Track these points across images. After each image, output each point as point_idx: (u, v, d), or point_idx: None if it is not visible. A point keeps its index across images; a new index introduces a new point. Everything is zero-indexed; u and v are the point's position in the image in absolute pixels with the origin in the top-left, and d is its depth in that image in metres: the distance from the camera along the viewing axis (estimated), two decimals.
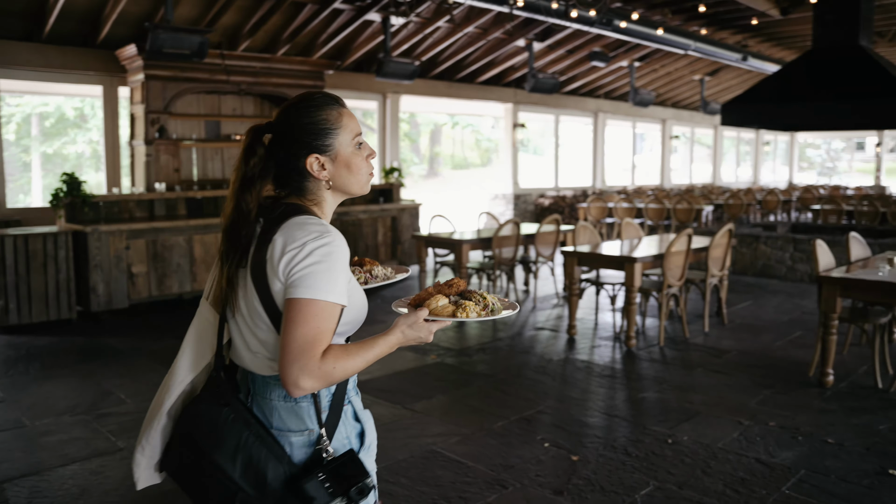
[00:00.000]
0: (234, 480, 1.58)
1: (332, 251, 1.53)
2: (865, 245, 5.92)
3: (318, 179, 1.65)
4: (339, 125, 1.64)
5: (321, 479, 1.55)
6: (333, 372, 1.49)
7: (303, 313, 1.49)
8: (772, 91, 9.85)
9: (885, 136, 22.77)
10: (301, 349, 1.47)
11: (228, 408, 1.62)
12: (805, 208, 16.87)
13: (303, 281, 1.50)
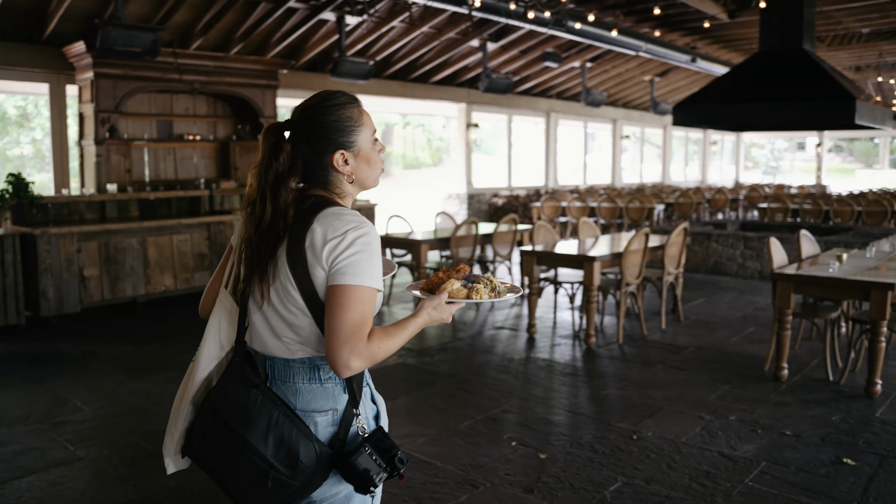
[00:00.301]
0: (267, 459, 1.63)
1: (371, 241, 1.63)
2: (815, 242, 6.11)
3: (340, 174, 1.74)
4: (361, 122, 1.75)
5: (368, 452, 1.64)
6: (378, 352, 1.60)
7: (351, 298, 1.59)
8: (721, 92, 10.08)
9: (825, 136, 23.52)
10: (351, 332, 1.57)
11: (257, 389, 1.69)
12: (752, 206, 17.32)
13: (349, 269, 1.60)
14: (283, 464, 1.63)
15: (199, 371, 1.77)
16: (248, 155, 9.35)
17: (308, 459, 1.63)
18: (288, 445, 1.63)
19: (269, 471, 1.63)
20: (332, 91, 1.76)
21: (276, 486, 1.64)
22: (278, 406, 1.66)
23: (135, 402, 4.72)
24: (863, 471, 3.61)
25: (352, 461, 1.63)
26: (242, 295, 1.73)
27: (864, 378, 5.04)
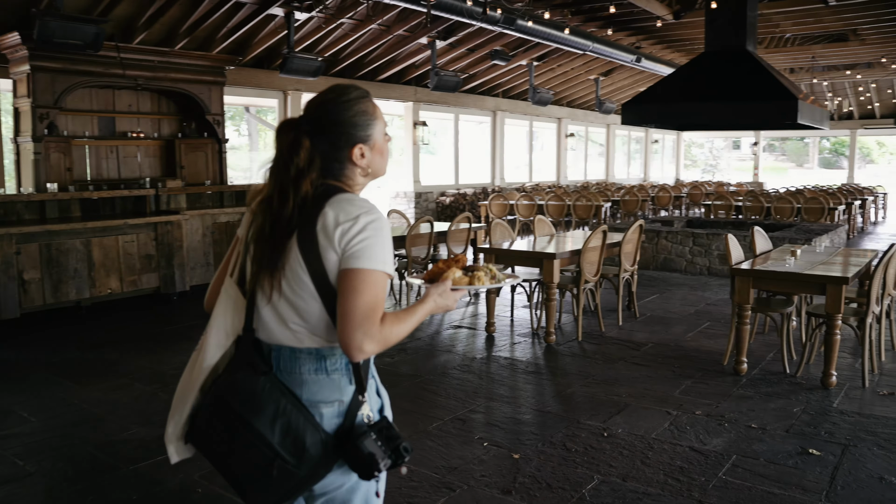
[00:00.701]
0: (273, 447, 1.63)
1: (383, 226, 1.66)
2: (767, 239, 6.24)
3: (357, 167, 1.77)
4: (375, 116, 1.78)
5: (374, 438, 1.65)
6: (390, 336, 1.63)
7: (365, 282, 1.60)
8: (668, 91, 10.24)
9: (761, 135, 24.24)
10: (364, 315, 1.58)
11: (266, 376, 1.69)
12: (694, 204, 17.73)
13: (362, 252, 1.61)
14: (290, 452, 1.63)
15: (206, 359, 1.76)
16: (194, 153, 9.08)
17: (314, 449, 1.64)
18: (295, 434, 1.63)
19: (275, 459, 1.63)
20: (346, 86, 1.78)
21: (281, 475, 1.64)
22: (286, 395, 1.66)
23: (86, 411, 4.50)
24: (828, 460, 3.69)
25: (357, 444, 1.63)
26: (251, 286, 1.74)
27: (819, 370, 5.17)
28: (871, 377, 5.01)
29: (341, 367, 1.71)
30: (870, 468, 3.61)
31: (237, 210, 8.61)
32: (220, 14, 8.93)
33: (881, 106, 21.97)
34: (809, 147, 34.64)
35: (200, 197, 8.75)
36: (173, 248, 7.67)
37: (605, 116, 21.29)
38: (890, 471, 3.58)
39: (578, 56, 15.19)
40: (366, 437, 1.64)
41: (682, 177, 27.31)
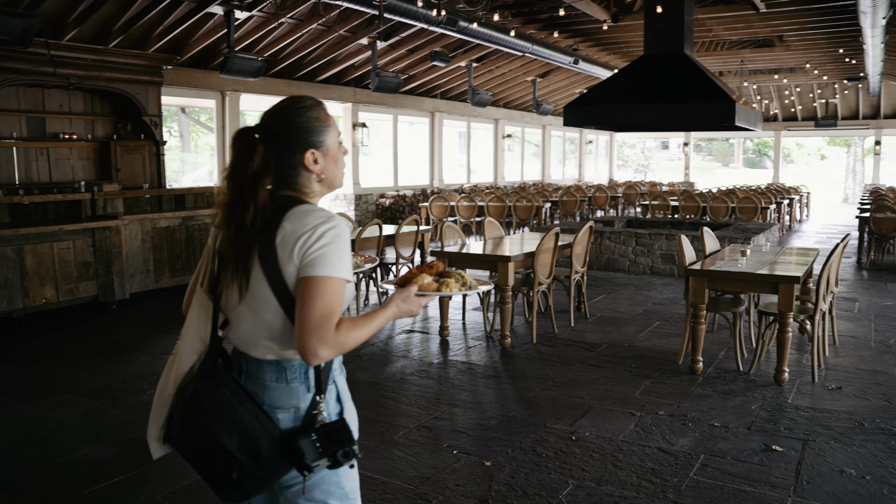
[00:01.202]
0: (232, 453, 1.71)
1: (341, 233, 1.70)
2: (716, 239, 6.38)
3: (311, 173, 1.81)
4: (328, 123, 1.83)
5: (314, 438, 1.71)
6: (346, 341, 1.66)
7: (320, 289, 1.65)
8: (609, 93, 10.41)
9: (691, 136, 24.95)
10: (319, 322, 1.63)
11: (224, 387, 1.76)
12: (629, 203, 18.10)
13: (319, 260, 1.66)
14: (248, 457, 1.71)
15: (180, 365, 1.85)
16: (131, 156, 8.74)
17: (269, 453, 1.71)
18: (251, 441, 1.71)
19: (235, 463, 1.71)
20: (300, 96, 1.84)
21: (241, 476, 1.73)
22: (244, 403, 1.74)
23: (30, 432, 4.24)
24: (791, 456, 3.78)
25: (293, 442, 1.70)
26: (218, 294, 1.83)
27: (770, 367, 5.32)
28: (819, 372, 5.17)
29: (300, 376, 1.77)
30: (830, 462, 3.72)
31: (177, 214, 8.33)
32: (156, 12, 8.60)
33: (803, 109, 22.91)
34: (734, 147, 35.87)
35: (138, 201, 8.43)
36: (112, 254, 7.35)
37: (541, 117, 21.54)
38: (848, 463, 3.69)
39: (517, 58, 15.31)
40: (303, 437, 1.70)
41: (616, 177, 27.87)
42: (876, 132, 21.82)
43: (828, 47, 14.64)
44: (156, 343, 6.23)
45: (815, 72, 17.40)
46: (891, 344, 6.06)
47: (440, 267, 1.95)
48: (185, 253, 8.40)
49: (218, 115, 11.21)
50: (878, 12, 9.28)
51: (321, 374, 1.77)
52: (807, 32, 13.32)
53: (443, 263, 1.97)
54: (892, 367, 5.41)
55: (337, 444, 1.73)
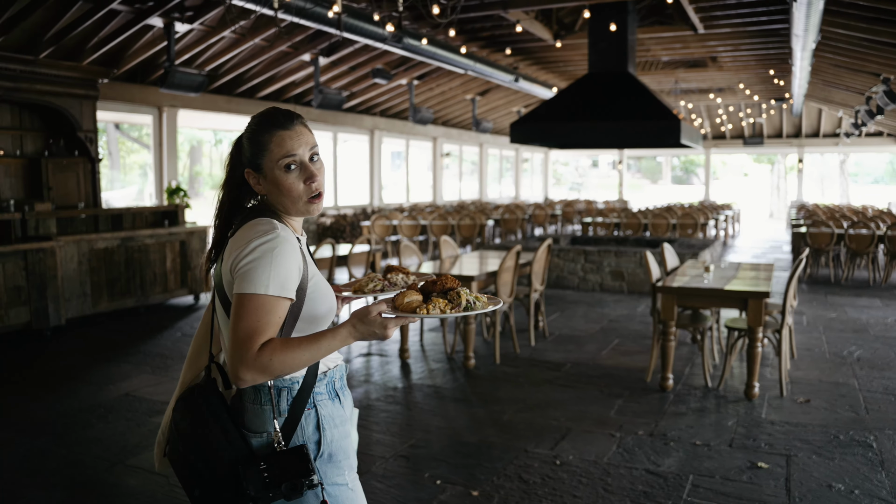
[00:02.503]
0: (198, 470, 1.65)
1: (274, 247, 1.59)
2: (676, 255, 6.41)
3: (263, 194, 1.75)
4: (268, 146, 1.70)
5: (262, 467, 1.60)
6: (270, 364, 1.53)
7: (244, 307, 1.56)
8: (556, 111, 10.49)
9: (624, 154, 25.49)
10: (240, 342, 1.54)
11: (205, 404, 1.68)
12: (567, 221, 18.30)
13: (244, 276, 1.57)
14: (208, 475, 1.65)
15: (182, 378, 1.82)
16: (64, 173, 8.26)
17: (226, 475, 1.63)
18: (212, 459, 1.63)
19: (197, 480, 1.66)
20: (269, 109, 1.75)
21: (204, 495, 1.66)
22: (220, 421, 1.66)
23: None
24: (777, 472, 3.75)
25: (241, 470, 1.60)
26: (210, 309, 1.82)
27: (735, 382, 5.34)
28: (785, 385, 5.21)
29: (271, 399, 1.67)
30: (816, 477, 3.71)
31: (116, 235, 7.90)
32: (91, 22, 8.18)
33: (733, 128, 23.72)
34: (662, 165, 36.86)
35: (73, 221, 7.97)
36: (46, 277, 6.90)
37: (479, 135, 21.62)
38: (834, 478, 3.69)
39: (457, 76, 15.31)
40: (251, 465, 1.61)
41: (550, 195, 28.20)
42: (798, 150, 22.77)
43: (759, 69, 15.18)
44: (98, 372, 5.84)
45: (747, 92, 18.02)
46: (844, 356, 6.19)
47: (447, 284, 1.69)
48: (124, 276, 7.97)
49: (155, 132, 10.75)
50: (809, 36, 9.61)
51: (278, 405, 1.67)
52: (740, 54, 13.77)
53: (454, 280, 1.72)
54: (851, 378, 5.51)
55: (289, 475, 1.60)
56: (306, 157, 1.72)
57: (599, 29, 10.42)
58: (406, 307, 1.62)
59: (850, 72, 13.45)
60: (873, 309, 8.38)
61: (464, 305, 1.66)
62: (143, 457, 4.06)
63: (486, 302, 1.71)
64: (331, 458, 1.72)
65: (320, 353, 1.58)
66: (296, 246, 1.66)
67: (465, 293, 1.67)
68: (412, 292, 1.65)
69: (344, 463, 1.75)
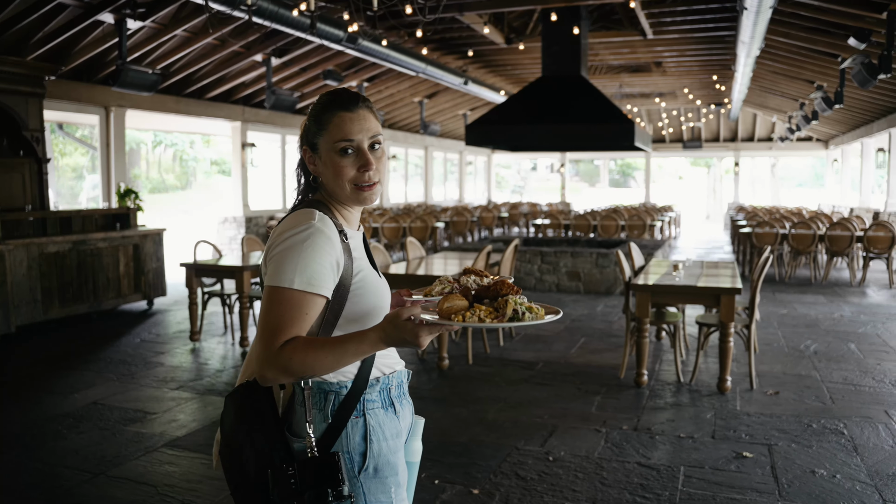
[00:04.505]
0: (235, 468, 1.61)
1: (305, 239, 1.51)
2: (642, 255, 6.56)
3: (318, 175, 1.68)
4: (327, 126, 1.63)
5: (290, 472, 1.52)
6: (290, 363, 1.45)
7: (270, 300, 1.49)
8: (512, 114, 10.59)
9: (566, 157, 25.91)
10: (263, 337, 1.48)
11: (250, 402, 1.62)
12: (513, 223, 18.50)
13: (273, 268, 1.51)
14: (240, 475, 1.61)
15: (238, 379, 1.74)
16: (8, 174, 7.91)
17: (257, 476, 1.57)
18: (259, 463, 1.57)
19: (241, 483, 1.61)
20: (338, 89, 1.71)
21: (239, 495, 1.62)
22: (260, 427, 1.58)
23: None
24: (762, 461, 3.88)
25: (270, 471, 1.54)
26: None
27: (706, 376, 5.50)
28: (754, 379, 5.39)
29: (318, 402, 1.59)
30: (799, 464, 3.85)
31: (67, 238, 7.62)
32: (37, 16, 7.86)
33: (673, 132, 24.38)
34: (600, 169, 37.61)
35: (19, 225, 7.64)
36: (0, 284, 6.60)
37: (424, 138, 21.65)
38: (816, 464, 3.84)
39: (407, 78, 15.31)
40: (280, 472, 1.52)
41: (493, 197, 28.43)
42: (735, 154, 23.58)
43: (702, 74, 15.67)
44: (60, 381, 5.61)
45: (690, 96, 18.56)
46: (802, 349, 6.44)
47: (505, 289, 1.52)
48: (76, 281, 7.69)
49: (102, 133, 10.39)
50: (755, 44, 9.98)
51: (326, 409, 1.59)
52: (685, 59, 14.19)
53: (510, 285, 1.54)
54: (812, 370, 5.74)
55: (314, 483, 1.51)
56: (365, 143, 1.64)
57: (553, 32, 10.58)
58: (444, 312, 1.46)
59: (787, 79, 14.01)
60: (819, 305, 8.74)
61: (509, 315, 1.48)
62: (126, 467, 3.92)
63: (540, 312, 1.52)
64: (376, 472, 1.60)
65: (346, 357, 1.47)
66: (333, 240, 1.55)
67: (513, 301, 1.50)
68: (457, 296, 1.51)
69: (391, 479, 1.63)
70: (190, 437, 4.38)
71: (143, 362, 6.19)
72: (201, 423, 4.64)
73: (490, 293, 1.54)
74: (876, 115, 14.84)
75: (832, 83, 12.45)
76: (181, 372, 5.90)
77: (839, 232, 10.69)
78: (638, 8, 9.98)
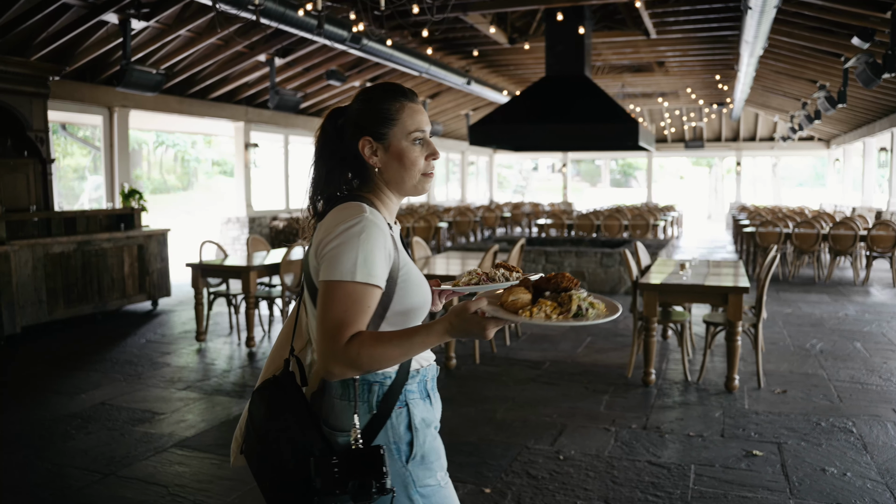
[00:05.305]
0: (269, 461, 1.60)
1: (361, 231, 1.51)
2: (647, 254, 6.56)
3: (373, 167, 1.66)
4: (398, 117, 1.64)
5: (334, 461, 1.52)
6: (360, 358, 1.46)
7: (329, 296, 1.48)
8: (516, 113, 10.59)
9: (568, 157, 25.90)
10: (327, 333, 1.47)
11: (280, 395, 1.63)
12: (516, 223, 18.49)
13: (329, 262, 1.50)
14: (276, 472, 1.60)
15: (262, 373, 1.76)
16: (12, 175, 7.91)
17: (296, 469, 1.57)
18: (295, 454, 1.57)
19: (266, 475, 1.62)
20: (390, 82, 1.71)
21: (274, 490, 1.62)
22: (293, 419, 1.59)
23: None
24: (772, 459, 3.88)
25: (313, 462, 1.53)
26: (297, 301, 1.76)
27: (712, 375, 5.50)
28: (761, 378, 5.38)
29: (362, 394, 1.59)
30: (809, 462, 3.85)
31: (72, 239, 7.62)
32: (41, 16, 7.86)
33: (675, 132, 24.38)
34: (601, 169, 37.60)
35: (24, 225, 7.64)
36: (0, 284, 6.59)
37: None
38: (826, 462, 3.84)
39: (410, 78, 15.28)
40: (325, 459, 1.52)
41: (495, 197, 28.43)
42: (737, 154, 23.57)
43: (704, 74, 15.66)
44: (66, 382, 5.61)
45: (693, 96, 18.56)
46: (808, 348, 6.43)
47: (563, 282, 1.51)
48: (81, 281, 7.69)
49: (105, 133, 10.39)
50: (758, 43, 9.97)
51: (370, 400, 1.59)
52: (688, 59, 14.18)
53: (572, 279, 1.53)
54: (818, 369, 5.74)
55: (358, 474, 1.51)
56: (429, 134, 1.69)
57: (557, 32, 10.58)
58: (510, 306, 1.46)
59: (789, 78, 14.01)
60: (823, 304, 8.73)
61: (573, 312, 1.46)
62: (135, 467, 3.92)
63: (603, 310, 1.49)
64: (423, 459, 1.64)
65: (413, 350, 1.49)
66: (385, 231, 1.57)
67: (577, 297, 1.47)
68: (521, 289, 1.50)
69: (435, 464, 1.69)
70: (199, 437, 4.38)
71: (149, 363, 6.19)
72: (210, 423, 4.64)
73: (550, 285, 1.54)
74: (878, 114, 14.84)
75: (835, 83, 12.45)
76: (188, 372, 5.90)
77: (843, 231, 10.69)
78: (642, 8, 9.98)
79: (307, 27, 8.67)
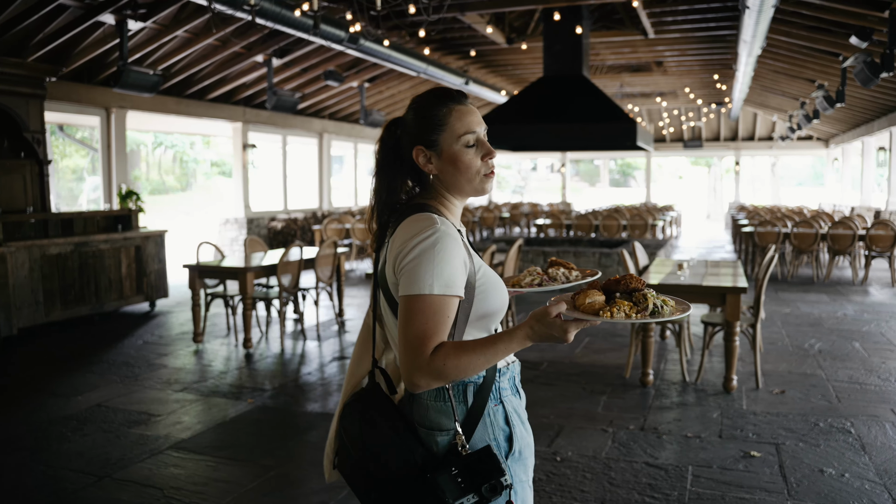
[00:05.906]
0: (371, 472, 1.61)
1: (436, 242, 1.52)
2: (646, 254, 6.54)
3: (430, 174, 1.69)
4: (445, 122, 1.64)
5: (454, 473, 1.53)
6: (445, 369, 1.47)
7: (410, 310, 1.50)
8: (512, 113, 10.57)
9: (566, 157, 25.88)
10: (411, 346, 1.49)
11: (373, 406, 1.66)
12: (514, 223, 18.48)
13: (408, 277, 1.51)
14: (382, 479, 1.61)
15: (345, 387, 1.79)
16: (9, 176, 7.89)
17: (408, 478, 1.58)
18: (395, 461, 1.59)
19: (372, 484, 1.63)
20: (439, 87, 1.77)
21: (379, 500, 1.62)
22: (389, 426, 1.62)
23: None
24: (770, 460, 3.87)
25: (433, 478, 1.52)
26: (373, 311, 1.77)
27: (710, 376, 5.48)
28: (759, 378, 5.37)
29: (458, 394, 1.60)
30: (807, 463, 3.84)
31: (69, 240, 7.60)
32: (38, 17, 7.84)
33: (673, 132, 24.36)
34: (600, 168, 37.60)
35: (21, 226, 7.62)
36: None
37: None
38: (824, 463, 3.83)
39: (408, 79, 15.31)
40: (444, 472, 1.52)
41: (494, 198, 28.40)
42: (735, 153, 23.56)
43: (703, 73, 15.65)
44: (63, 383, 5.59)
45: (692, 96, 18.54)
46: (806, 348, 6.42)
47: (631, 283, 1.55)
48: (78, 283, 7.67)
49: (103, 134, 10.37)
50: (756, 43, 9.96)
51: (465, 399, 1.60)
52: (686, 59, 14.17)
53: (638, 279, 1.56)
54: (817, 369, 5.72)
55: (482, 476, 1.52)
56: (482, 133, 1.68)
57: (554, 32, 10.57)
58: (588, 308, 1.49)
59: (788, 78, 14.00)
60: (822, 304, 8.72)
61: (650, 310, 1.51)
62: (131, 470, 3.90)
63: (675, 307, 1.55)
64: (520, 454, 1.66)
65: (496, 357, 1.50)
66: (458, 240, 1.58)
67: (651, 296, 1.53)
68: (594, 292, 1.52)
69: (529, 460, 1.71)
70: (195, 439, 4.36)
71: (146, 364, 6.17)
72: (206, 425, 4.63)
73: (620, 287, 1.57)
74: (877, 113, 14.83)
75: (833, 82, 12.44)
76: (185, 374, 5.88)
77: (841, 231, 10.68)
78: (640, 7, 9.97)
79: (303, 27, 8.65)
